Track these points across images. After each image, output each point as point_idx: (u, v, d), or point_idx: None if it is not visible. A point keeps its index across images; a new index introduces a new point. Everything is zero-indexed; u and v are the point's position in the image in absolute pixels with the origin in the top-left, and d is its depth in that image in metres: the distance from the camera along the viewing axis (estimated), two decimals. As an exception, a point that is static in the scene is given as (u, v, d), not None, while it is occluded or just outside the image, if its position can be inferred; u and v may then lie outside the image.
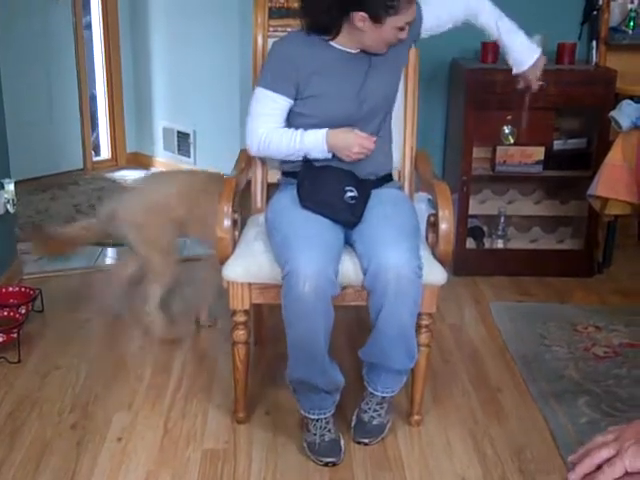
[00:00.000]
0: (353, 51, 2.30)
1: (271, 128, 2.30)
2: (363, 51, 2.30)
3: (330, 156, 2.27)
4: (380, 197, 2.31)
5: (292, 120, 2.32)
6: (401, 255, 2.08)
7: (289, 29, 2.59)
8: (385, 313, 2.11)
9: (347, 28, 2.23)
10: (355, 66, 2.29)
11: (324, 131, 2.25)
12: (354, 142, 2.23)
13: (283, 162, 2.45)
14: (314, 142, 2.26)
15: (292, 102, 2.30)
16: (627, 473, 1.07)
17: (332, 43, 2.29)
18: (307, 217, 2.20)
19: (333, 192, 2.22)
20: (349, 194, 2.23)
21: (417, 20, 2.33)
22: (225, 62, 4.49)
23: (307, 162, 2.31)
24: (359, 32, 2.21)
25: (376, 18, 2.14)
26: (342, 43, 2.28)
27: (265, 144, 2.31)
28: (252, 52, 2.60)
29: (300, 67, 2.27)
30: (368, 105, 2.30)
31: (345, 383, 2.27)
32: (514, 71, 2.52)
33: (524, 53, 2.51)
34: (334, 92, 2.28)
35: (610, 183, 3.05)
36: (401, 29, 2.20)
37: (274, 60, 2.32)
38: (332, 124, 2.26)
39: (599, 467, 1.09)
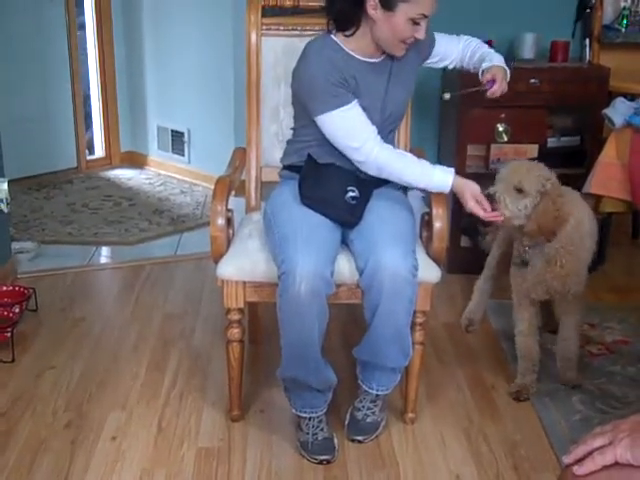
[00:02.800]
0: (373, 60, 2.27)
1: (385, 146, 2.23)
2: (387, 57, 2.27)
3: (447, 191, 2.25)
4: (379, 196, 2.31)
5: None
6: (397, 255, 2.09)
7: (282, 27, 2.59)
8: (381, 312, 2.11)
9: (364, 22, 2.19)
10: (377, 77, 2.27)
11: (452, 171, 2.22)
12: (472, 197, 2.21)
13: (285, 154, 2.45)
14: (440, 176, 2.21)
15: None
16: (617, 463, 1.08)
17: (353, 54, 2.24)
18: (306, 214, 2.20)
19: (334, 191, 2.22)
20: (350, 194, 2.23)
21: (430, 40, 2.37)
22: (219, 60, 4.48)
23: (310, 158, 2.31)
24: (374, 25, 2.16)
25: (387, 3, 2.10)
26: (362, 50, 2.24)
27: (384, 168, 2.22)
28: (245, 50, 2.60)
29: (344, 71, 2.20)
30: (388, 112, 2.31)
31: (339, 381, 2.28)
32: (483, 65, 2.41)
33: (497, 58, 2.44)
34: (362, 104, 2.22)
35: (603, 181, 3.05)
36: (415, 22, 2.14)
37: (322, 75, 2.18)
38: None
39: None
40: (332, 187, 2.23)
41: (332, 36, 2.25)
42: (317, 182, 2.24)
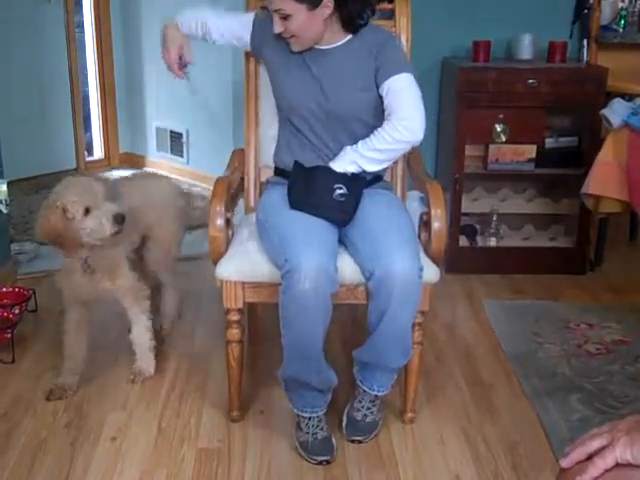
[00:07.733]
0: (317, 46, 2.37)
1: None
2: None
3: None
4: (375, 199, 2.32)
5: None
6: (407, 260, 2.09)
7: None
8: (389, 316, 2.11)
9: None
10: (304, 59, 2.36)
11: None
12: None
13: (276, 157, 2.49)
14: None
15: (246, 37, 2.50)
16: (617, 464, 1.07)
17: None
18: (301, 215, 2.21)
19: (323, 192, 2.23)
20: (338, 192, 2.24)
21: (385, 67, 2.36)
22: (217, 61, 4.48)
23: (297, 164, 2.33)
24: None
25: None
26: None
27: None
28: (244, 51, 2.61)
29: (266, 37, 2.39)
30: (322, 103, 2.32)
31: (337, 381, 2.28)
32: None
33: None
34: (285, 77, 2.36)
35: (601, 181, 3.06)
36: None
37: (261, 16, 2.44)
38: (287, 102, 2.41)
39: (591, 457, 1.10)
40: (320, 189, 2.24)
41: None
42: (306, 188, 2.25)
